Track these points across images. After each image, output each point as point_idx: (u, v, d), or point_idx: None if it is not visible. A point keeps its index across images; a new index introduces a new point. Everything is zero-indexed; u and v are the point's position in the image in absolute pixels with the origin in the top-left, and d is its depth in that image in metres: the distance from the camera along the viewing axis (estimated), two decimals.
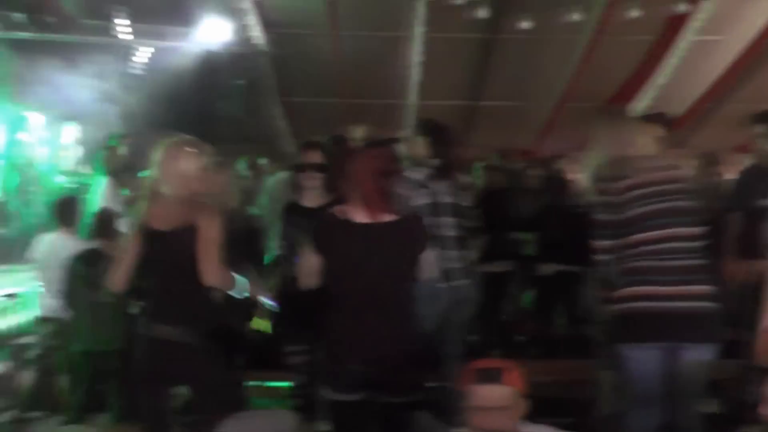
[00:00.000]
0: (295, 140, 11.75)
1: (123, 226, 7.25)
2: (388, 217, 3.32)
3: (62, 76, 9.56)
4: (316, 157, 4.54)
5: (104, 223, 5.53)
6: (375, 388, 3.28)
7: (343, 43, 10.71)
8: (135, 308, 4.90)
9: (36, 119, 8.81)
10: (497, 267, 7.08)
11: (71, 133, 9.46)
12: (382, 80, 11.20)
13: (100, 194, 7.09)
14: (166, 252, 3.39)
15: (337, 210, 3.38)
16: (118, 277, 3.54)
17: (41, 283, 6.24)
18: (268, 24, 10.53)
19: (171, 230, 3.36)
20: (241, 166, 8.38)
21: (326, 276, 3.39)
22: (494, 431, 2.74)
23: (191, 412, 3.58)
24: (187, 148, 3.48)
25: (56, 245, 6.10)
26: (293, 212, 4.53)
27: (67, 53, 9.89)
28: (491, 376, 2.76)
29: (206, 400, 3.36)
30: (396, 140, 4.82)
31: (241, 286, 3.58)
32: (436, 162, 4.77)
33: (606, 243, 3.80)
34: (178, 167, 3.43)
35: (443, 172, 4.76)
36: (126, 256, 3.51)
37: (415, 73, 10.87)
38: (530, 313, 7.70)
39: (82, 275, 5.31)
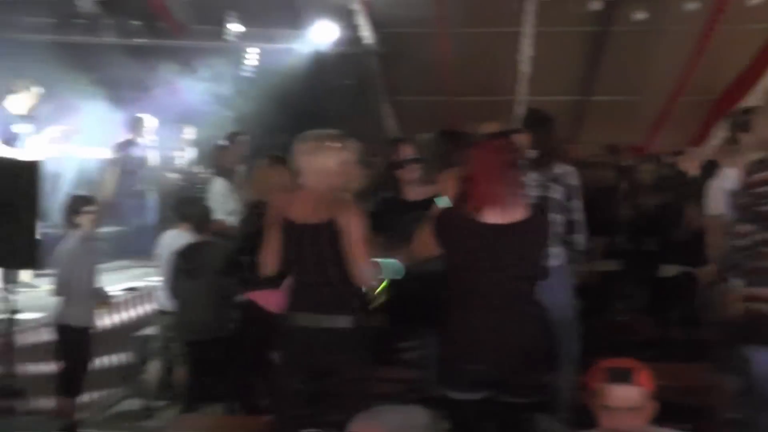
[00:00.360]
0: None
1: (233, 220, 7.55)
2: (513, 215, 3.27)
3: (176, 80, 9.96)
4: (410, 151, 4.54)
5: (202, 218, 5.70)
6: (496, 387, 3.24)
7: (451, 41, 10.69)
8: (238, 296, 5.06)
9: (151, 121, 9.14)
10: (608, 266, 6.91)
11: (185, 134, 9.79)
12: (491, 77, 11.13)
13: (212, 194, 7.34)
14: (305, 246, 3.37)
15: (461, 206, 3.32)
16: (266, 265, 3.56)
17: (160, 278, 6.50)
18: (376, 23, 10.63)
19: (310, 224, 3.35)
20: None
21: (448, 273, 3.36)
22: None
23: (324, 403, 3.55)
24: (329, 143, 3.45)
25: (177, 242, 6.34)
26: (394, 206, 4.51)
27: (181, 58, 10.29)
28: (623, 376, 2.69)
29: (346, 390, 3.32)
30: (517, 131, 4.66)
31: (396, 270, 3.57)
32: (533, 153, 4.61)
33: (747, 227, 3.63)
34: (319, 161, 3.40)
35: (539, 163, 4.62)
36: (270, 246, 3.51)
37: (524, 69, 10.73)
38: (644, 314, 7.49)
39: (185, 268, 5.47)
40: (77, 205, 5.30)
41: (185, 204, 6.58)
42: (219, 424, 4.10)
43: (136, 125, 8.93)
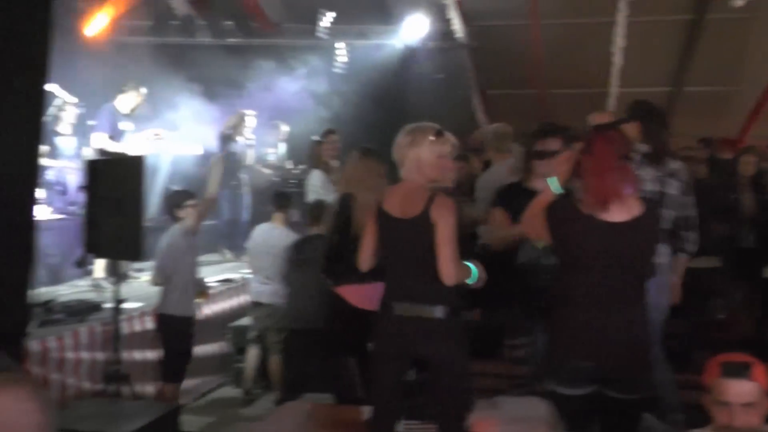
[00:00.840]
0: None
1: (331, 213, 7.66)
2: (627, 211, 3.22)
3: (270, 78, 10.15)
4: (556, 144, 4.32)
5: (317, 212, 5.80)
6: (604, 383, 3.22)
7: (543, 32, 10.56)
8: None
9: (251, 118, 9.37)
10: (705, 263, 6.71)
11: (280, 130, 9.98)
12: (582, 69, 10.92)
13: (310, 186, 7.49)
14: (401, 238, 3.39)
15: (577, 201, 3.28)
16: (363, 257, 3.60)
17: (253, 270, 6.68)
18: (467, 17, 10.59)
19: (406, 218, 3.35)
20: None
21: (558, 267, 3.35)
22: (740, 429, 2.57)
23: (422, 394, 3.56)
24: (428, 135, 3.42)
25: (269, 235, 6.51)
26: (518, 193, 4.31)
27: (274, 56, 10.49)
28: (739, 371, 2.60)
29: (443, 381, 3.30)
30: (625, 120, 4.50)
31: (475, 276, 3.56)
32: (644, 148, 4.50)
33: None
34: (417, 153, 3.39)
35: (653, 158, 4.49)
36: (367, 238, 3.55)
37: (617, 60, 10.49)
38: (743, 313, 7.25)
39: (295, 259, 5.60)
40: (180, 199, 5.46)
41: (279, 198, 6.74)
42: (319, 412, 4.16)
43: (237, 122, 9.15)
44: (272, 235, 6.48)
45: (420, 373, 3.49)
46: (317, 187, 7.38)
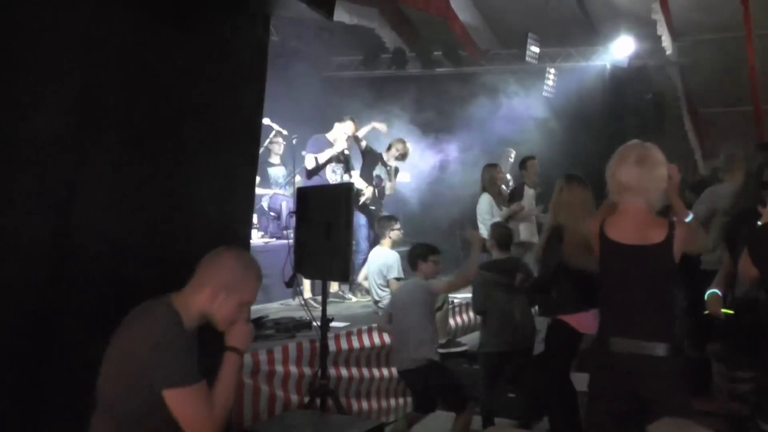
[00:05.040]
0: (704, 154, 11.14)
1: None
2: None
3: (481, 105, 10.25)
4: None
5: (502, 238, 5.77)
6: None
7: (757, 43, 9.82)
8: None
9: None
10: None
11: (511, 156, 9.84)
12: None
13: (478, 211, 7.51)
14: (628, 267, 3.19)
15: None
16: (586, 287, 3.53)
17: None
18: (676, 32, 10.13)
19: (634, 245, 3.15)
20: None
21: None
22: None
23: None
24: (647, 157, 3.20)
25: (378, 259, 6.72)
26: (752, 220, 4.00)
27: (485, 83, 10.56)
28: None
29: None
30: None
31: None
32: None
33: None
34: (639, 176, 3.17)
35: None
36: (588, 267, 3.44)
37: None
38: None
39: (500, 283, 5.59)
40: (424, 252, 5.48)
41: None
42: None
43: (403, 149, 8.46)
44: (382, 258, 6.70)
45: (640, 411, 3.29)
46: (483, 212, 7.38)
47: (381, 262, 6.74)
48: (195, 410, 2.48)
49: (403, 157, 8.12)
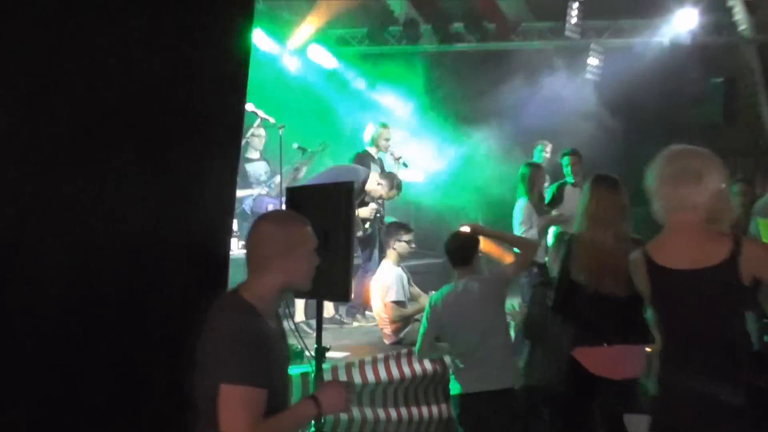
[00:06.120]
0: None
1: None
2: None
3: (510, 89, 10.19)
4: None
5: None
6: None
7: None
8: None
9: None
10: None
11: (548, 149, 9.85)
12: None
13: (516, 211, 7.55)
14: (683, 296, 3.18)
15: None
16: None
17: None
18: (752, 4, 10.09)
19: (698, 269, 3.12)
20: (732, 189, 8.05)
21: None
22: None
23: None
24: (695, 167, 3.17)
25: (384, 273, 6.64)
26: None
27: (514, 62, 10.51)
28: None
29: None
30: None
31: None
32: None
33: None
34: (682, 193, 3.15)
35: None
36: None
37: None
38: None
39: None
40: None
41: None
42: None
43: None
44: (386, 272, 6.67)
45: None
46: (522, 221, 7.36)
47: (379, 282, 6.60)
48: (237, 414, 2.62)
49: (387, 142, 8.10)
